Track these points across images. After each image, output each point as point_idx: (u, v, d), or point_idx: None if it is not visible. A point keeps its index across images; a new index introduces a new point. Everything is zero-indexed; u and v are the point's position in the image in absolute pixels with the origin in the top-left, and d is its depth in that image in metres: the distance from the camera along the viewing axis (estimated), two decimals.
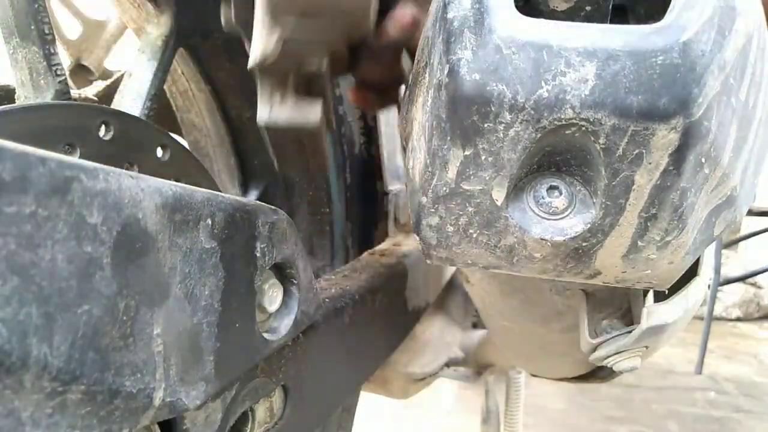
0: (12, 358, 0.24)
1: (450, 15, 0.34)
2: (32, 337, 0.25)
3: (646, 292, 0.47)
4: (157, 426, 0.38)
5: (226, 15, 0.54)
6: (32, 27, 0.55)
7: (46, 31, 0.57)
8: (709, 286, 3.19)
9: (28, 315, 0.24)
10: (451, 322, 1.25)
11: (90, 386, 0.28)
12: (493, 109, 0.33)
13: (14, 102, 0.59)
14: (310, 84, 0.51)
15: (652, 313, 0.45)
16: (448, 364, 1.24)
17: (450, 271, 1.20)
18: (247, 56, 0.90)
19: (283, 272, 0.46)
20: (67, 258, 0.26)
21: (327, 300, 0.61)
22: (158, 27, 0.74)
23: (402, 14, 0.53)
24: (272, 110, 0.47)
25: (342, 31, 0.37)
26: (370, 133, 1.03)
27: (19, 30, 0.55)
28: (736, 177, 0.36)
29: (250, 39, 0.52)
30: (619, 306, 0.52)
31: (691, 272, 0.49)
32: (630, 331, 0.47)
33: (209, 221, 0.35)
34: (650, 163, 0.33)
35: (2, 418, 0.24)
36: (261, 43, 0.41)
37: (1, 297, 0.23)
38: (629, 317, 0.52)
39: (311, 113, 0.48)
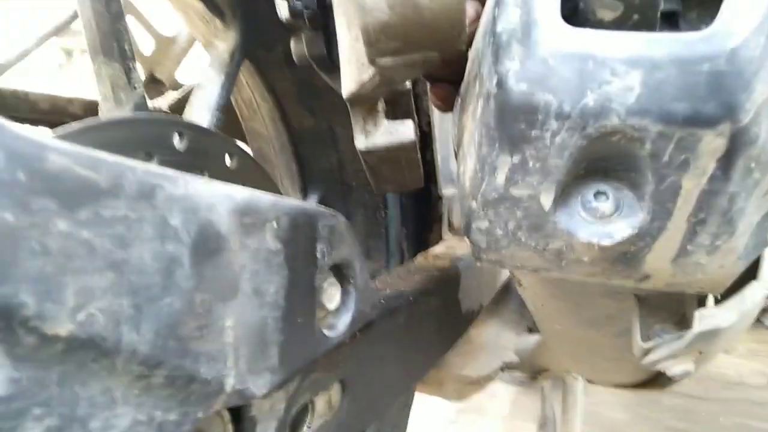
0: (108, 342, 0.27)
1: (499, 28, 0.36)
2: (124, 325, 0.28)
3: (701, 297, 0.47)
4: (227, 412, 0.41)
5: (298, 50, 0.57)
6: (114, 45, 0.61)
7: (126, 49, 0.62)
8: None
9: (121, 306, 0.28)
10: (505, 326, 1.25)
11: (171, 371, 0.31)
12: (539, 117, 0.34)
13: (96, 114, 0.64)
14: (398, 103, 0.53)
15: (705, 317, 0.45)
16: (502, 368, 1.24)
17: (504, 274, 1.20)
18: (306, 67, 0.93)
19: (341, 273, 0.49)
20: (153, 256, 0.29)
21: (382, 300, 0.64)
22: (225, 41, 0.79)
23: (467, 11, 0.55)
24: (368, 136, 0.49)
25: (438, 56, 0.39)
26: (425, 138, 1.05)
27: (103, 49, 0.60)
28: None
29: (325, 70, 0.54)
30: (675, 311, 0.52)
31: (751, 276, 0.48)
32: (682, 336, 0.47)
33: (275, 224, 0.38)
34: (697, 169, 0.33)
35: (100, 394, 0.28)
36: (354, 79, 0.43)
37: (99, 289, 0.27)
38: (685, 323, 0.51)
39: (406, 132, 0.50)
